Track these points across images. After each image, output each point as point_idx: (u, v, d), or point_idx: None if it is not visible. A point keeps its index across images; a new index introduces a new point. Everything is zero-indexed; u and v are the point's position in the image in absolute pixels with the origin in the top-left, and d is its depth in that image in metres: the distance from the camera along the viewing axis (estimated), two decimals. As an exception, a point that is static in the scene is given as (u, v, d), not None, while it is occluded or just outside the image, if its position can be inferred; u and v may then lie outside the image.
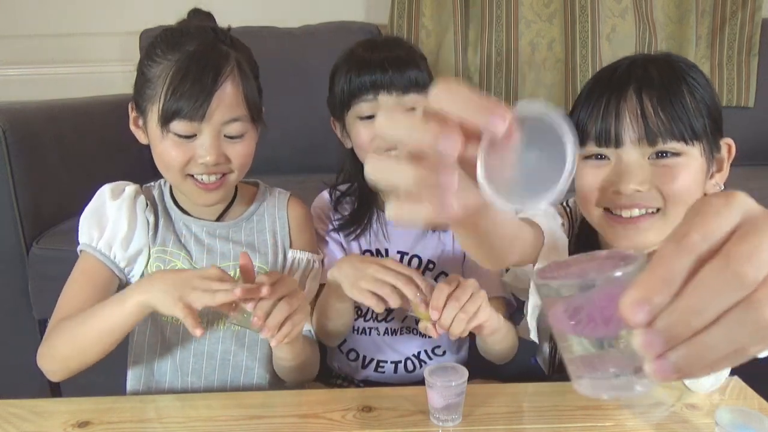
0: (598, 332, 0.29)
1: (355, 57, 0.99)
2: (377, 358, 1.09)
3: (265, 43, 1.83)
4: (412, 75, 0.96)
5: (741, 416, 0.66)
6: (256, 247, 0.98)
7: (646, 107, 0.73)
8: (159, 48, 0.87)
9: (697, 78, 0.76)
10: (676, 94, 0.73)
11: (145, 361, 0.95)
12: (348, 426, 0.77)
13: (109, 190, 0.94)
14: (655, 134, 0.73)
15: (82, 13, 2.11)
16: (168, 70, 0.84)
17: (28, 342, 1.43)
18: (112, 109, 1.74)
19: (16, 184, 1.32)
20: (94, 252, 0.90)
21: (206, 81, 0.83)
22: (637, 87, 0.74)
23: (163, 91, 0.83)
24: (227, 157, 0.87)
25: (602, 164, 0.78)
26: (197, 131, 0.85)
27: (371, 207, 1.07)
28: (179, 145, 0.85)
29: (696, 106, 0.74)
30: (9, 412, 0.80)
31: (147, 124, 0.89)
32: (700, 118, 0.74)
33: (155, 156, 0.89)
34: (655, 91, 0.73)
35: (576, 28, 1.88)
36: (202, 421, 0.79)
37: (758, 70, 1.91)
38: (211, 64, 0.84)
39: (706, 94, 0.75)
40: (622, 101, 0.74)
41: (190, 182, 0.88)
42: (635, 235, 0.76)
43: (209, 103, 0.83)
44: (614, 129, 0.74)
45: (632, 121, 0.74)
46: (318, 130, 1.35)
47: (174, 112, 0.83)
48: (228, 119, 0.86)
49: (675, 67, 0.76)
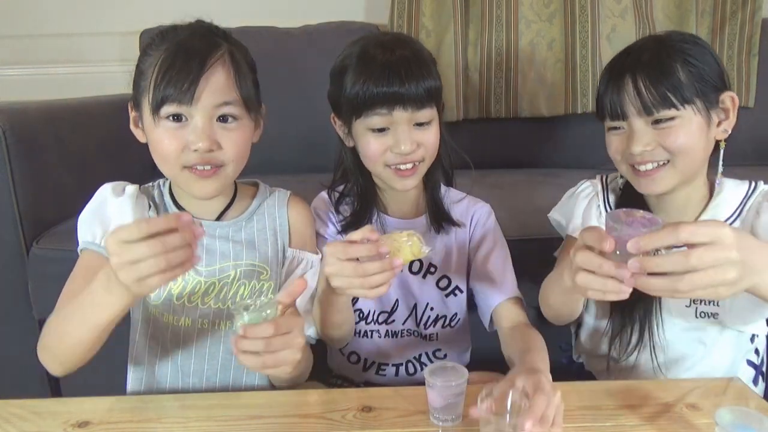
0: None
1: (368, 59, 0.94)
2: (378, 361, 1.08)
3: (265, 43, 1.83)
4: (428, 85, 0.94)
5: (741, 416, 0.66)
6: (256, 245, 0.97)
7: (640, 86, 0.92)
8: (154, 43, 0.88)
9: (692, 50, 0.93)
10: (664, 71, 0.92)
11: (146, 364, 0.94)
12: (348, 426, 0.77)
13: (110, 189, 0.94)
14: (649, 106, 0.92)
15: (82, 13, 2.11)
16: (158, 59, 0.85)
17: (28, 342, 1.43)
18: (112, 109, 1.74)
19: (16, 184, 1.32)
20: (99, 249, 0.90)
21: (193, 64, 0.84)
22: (632, 71, 0.93)
23: (152, 79, 0.84)
24: (219, 145, 0.87)
25: (620, 132, 0.98)
26: (188, 115, 0.85)
27: (371, 207, 1.06)
28: (171, 133, 0.85)
29: (687, 75, 0.91)
30: (9, 412, 0.80)
31: (143, 119, 0.89)
32: (692, 85, 0.91)
33: (152, 149, 0.89)
34: (645, 72, 0.92)
35: (576, 28, 1.87)
36: (202, 421, 0.79)
37: (758, 70, 1.91)
38: (198, 48, 0.85)
39: (701, 62, 0.93)
40: (622, 84, 0.94)
41: (186, 173, 0.88)
42: (652, 183, 0.96)
43: (197, 85, 0.83)
44: (620, 106, 0.95)
45: (631, 99, 0.93)
46: (318, 130, 1.35)
47: (163, 97, 0.83)
48: (219, 102, 0.86)
49: (667, 48, 0.94)
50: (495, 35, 1.91)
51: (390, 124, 0.95)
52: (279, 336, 0.68)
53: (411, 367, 1.09)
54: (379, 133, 0.96)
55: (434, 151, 1.00)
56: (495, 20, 1.90)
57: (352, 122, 0.98)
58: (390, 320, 1.07)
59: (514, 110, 1.92)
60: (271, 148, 1.16)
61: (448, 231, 1.07)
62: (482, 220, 1.10)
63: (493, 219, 1.11)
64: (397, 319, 1.07)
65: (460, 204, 1.10)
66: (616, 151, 1.00)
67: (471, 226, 1.10)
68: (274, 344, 0.68)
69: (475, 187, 1.13)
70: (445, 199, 1.08)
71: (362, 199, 1.06)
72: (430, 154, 0.99)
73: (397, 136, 0.94)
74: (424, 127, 0.97)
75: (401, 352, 1.08)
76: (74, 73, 2.12)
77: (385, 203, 1.08)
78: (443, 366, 0.78)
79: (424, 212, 1.08)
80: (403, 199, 1.07)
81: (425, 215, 1.08)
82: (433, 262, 1.07)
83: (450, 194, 1.11)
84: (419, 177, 1.01)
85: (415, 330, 1.08)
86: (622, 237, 0.66)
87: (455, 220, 1.07)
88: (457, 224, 1.07)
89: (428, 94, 0.94)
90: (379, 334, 1.07)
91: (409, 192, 1.05)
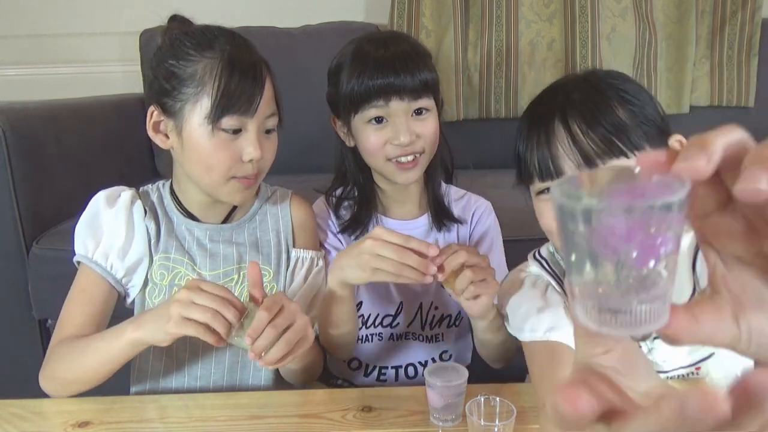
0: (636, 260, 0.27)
1: (362, 55, 0.94)
2: (380, 365, 1.08)
3: (265, 43, 1.82)
4: (423, 77, 0.93)
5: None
6: (259, 247, 0.97)
7: (575, 133, 0.71)
8: (189, 48, 0.85)
9: (628, 88, 0.74)
10: (604, 112, 0.71)
11: (150, 370, 0.94)
12: (348, 426, 0.77)
13: (103, 198, 0.92)
14: (591, 158, 0.70)
15: (82, 13, 2.11)
16: (212, 68, 0.83)
17: (28, 342, 1.44)
18: (112, 109, 1.74)
19: (16, 184, 1.32)
20: (90, 263, 0.89)
21: (254, 76, 0.85)
22: (561, 115, 0.72)
23: (214, 88, 0.82)
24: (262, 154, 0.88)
25: None
26: (243, 126, 0.85)
27: (371, 210, 1.05)
28: (227, 145, 0.85)
29: (630, 116, 0.71)
30: (9, 412, 0.81)
31: (182, 126, 0.85)
32: (637, 127, 0.71)
33: (195, 159, 0.86)
34: (579, 115, 0.71)
35: (576, 28, 1.88)
36: (202, 421, 0.79)
37: (758, 70, 1.91)
38: (254, 60, 0.87)
39: (640, 101, 0.73)
40: (551, 133, 0.73)
41: (232, 182, 0.87)
42: None
43: (261, 96, 0.85)
44: (551, 161, 0.73)
45: (566, 150, 0.71)
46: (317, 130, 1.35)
47: (225, 107, 0.83)
48: (269, 114, 0.88)
49: (598, 85, 0.74)
50: (495, 35, 1.91)
51: (387, 116, 0.94)
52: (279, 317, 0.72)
53: (411, 370, 1.09)
54: (377, 125, 0.95)
55: (434, 142, 0.99)
56: (495, 20, 1.91)
57: (351, 119, 0.97)
58: (395, 323, 1.07)
59: (514, 110, 1.92)
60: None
61: (449, 228, 1.07)
62: (483, 216, 1.09)
63: (493, 216, 1.11)
64: (402, 322, 1.07)
65: (461, 201, 1.10)
66: (554, 223, 0.79)
67: (472, 223, 1.09)
68: (279, 323, 0.72)
69: (475, 187, 1.13)
70: (446, 196, 1.08)
71: (362, 201, 1.05)
72: (430, 146, 0.98)
73: (396, 127, 0.94)
74: (422, 117, 0.96)
75: (404, 355, 1.08)
76: (74, 73, 2.12)
77: (386, 205, 1.07)
78: (443, 366, 0.78)
79: (425, 212, 1.08)
80: (404, 199, 1.07)
81: (426, 215, 1.07)
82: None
83: (451, 192, 1.10)
84: (421, 170, 1.00)
85: (420, 333, 1.07)
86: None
87: (457, 217, 1.07)
88: (458, 221, 1.07)
89: (424, 84, 0.93)
90: (381, 337, 1.07)
91: (411, 191, 1.05)
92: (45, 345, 1.40)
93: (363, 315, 1.06)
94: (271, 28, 1.92)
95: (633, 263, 0.27)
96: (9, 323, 1.41)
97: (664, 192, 0.27)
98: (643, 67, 1.90)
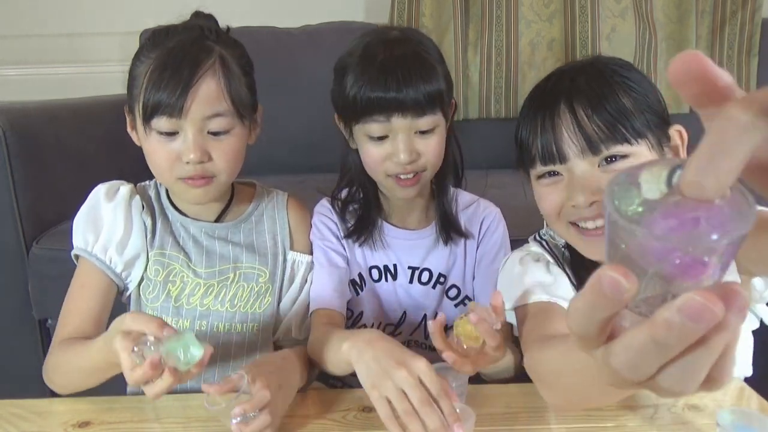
0: (682, 276, 0.27)
1: (368, 59, 0.89)
2: None
3: (265, 43, 1.83)
4: (428, 90, 0.88)
5: (742, 417, 0.66)
6: (255, 248, 0.97)
7: (580, 118, 0.72)
8: (146, 47, 0.87)
9: (631, 75, 0.75)
10: (608, 97, 0.72)
11: None
12: (348, 426, 0.77)
13: (103, 191, 0.93)
14: (595, 142, 0.72)
15: (82, 13, 2.11)
16: (148, 68, 0.84)
17: (28, 342, 1.44)
18: (112, 109, 1.73)
19: (16, 184, 1.32)
20: (90, 257, 0.89)
21: (183, 75, 0.81)
22: (567, 99, 0.73)
23: (142, 88, 0.83)
24: (210, 156, 0.85)
25: (557, 180, 0.77)
26: (178, 128, 0.83)
27: (376, 216, 1.02)
28: (163, 145, 0.84)
29: (633, 103, 0.72)
30: (9, 412, 0.80)
31: (136, 125, 0.88)
32: (641, 114, 0.72)
33: (146, 157, 0.89)
34: (585, 100, 0.72)
35: (576, 28, 1.88)
36: (202, 421, 0.79)
37: (758, 70, 1.91)
38: (189, 58, 0.83)
39: (643, 89, 0.74)
40: (556, 116, 0.74)
41: (180, 182, 0.87)
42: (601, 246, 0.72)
43: (185, 97, 0.81)
44: (555, 145, 0.74)
45: (570, 134, 0.73)
46: (318, 130, 1.35)
47: (153, 108, 0.82)
48: (209, 114, 0.84)
49: (603, 71, 0.75)
50: (495, 35, 1.91)
51: (389, 132, 0.90)
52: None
53: None
54: (378, 141, 0.91)
55: (437, 160, 0.95)
56: (495, 20, 1.91)
57: (353, 127, 0.94)
58: (397, 333, 1.05)
59: (514, 110, 1.92)
60: (270, 148, 1.16)
61: (456, 242, 1.04)
62: (492, 226, 1.06)
63: (503, 225, 1.07)
64: (404, 332, 1.05)
65: (469, 209, 1.06)
66: (552, 205, 0.78)
67: (480, 235, 1.06)
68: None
69: (475, 187, 1.12)
70: (454, 202, 1.04)
71: (367, 206, 1.02)
72: (432, 164, 0.94)
73: (396, 145, 0.89)
74: (426, 135, 0.91)
75: None
76: (74, 73, 2.12)
77: (390, 212, 1.04)
78: (444, 367, 0.78)
79: (431, 222, 1.04)
80: (409, 209, 1.03)
81: (433, 225, 1.03)
82: (442, 271, 1.04)
83: (459, 198, 1.06)
84: (421, 186, 0.97)
85: (423, 342, 1.06)
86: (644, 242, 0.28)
87: (464, 232, 1.03)
88: (466, 236, 1.03)
89: (429, 99, 0.88)
90: None
91: (415, 202, 1.02)
92: (45, 345, 1.41)
93: (365, 325, 1.04)
94: (271, 28, 1.92)
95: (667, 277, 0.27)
96: (9, 323, 1.41)
97: (715, 227, 0.25)
98: (643, 67, 1.90)
